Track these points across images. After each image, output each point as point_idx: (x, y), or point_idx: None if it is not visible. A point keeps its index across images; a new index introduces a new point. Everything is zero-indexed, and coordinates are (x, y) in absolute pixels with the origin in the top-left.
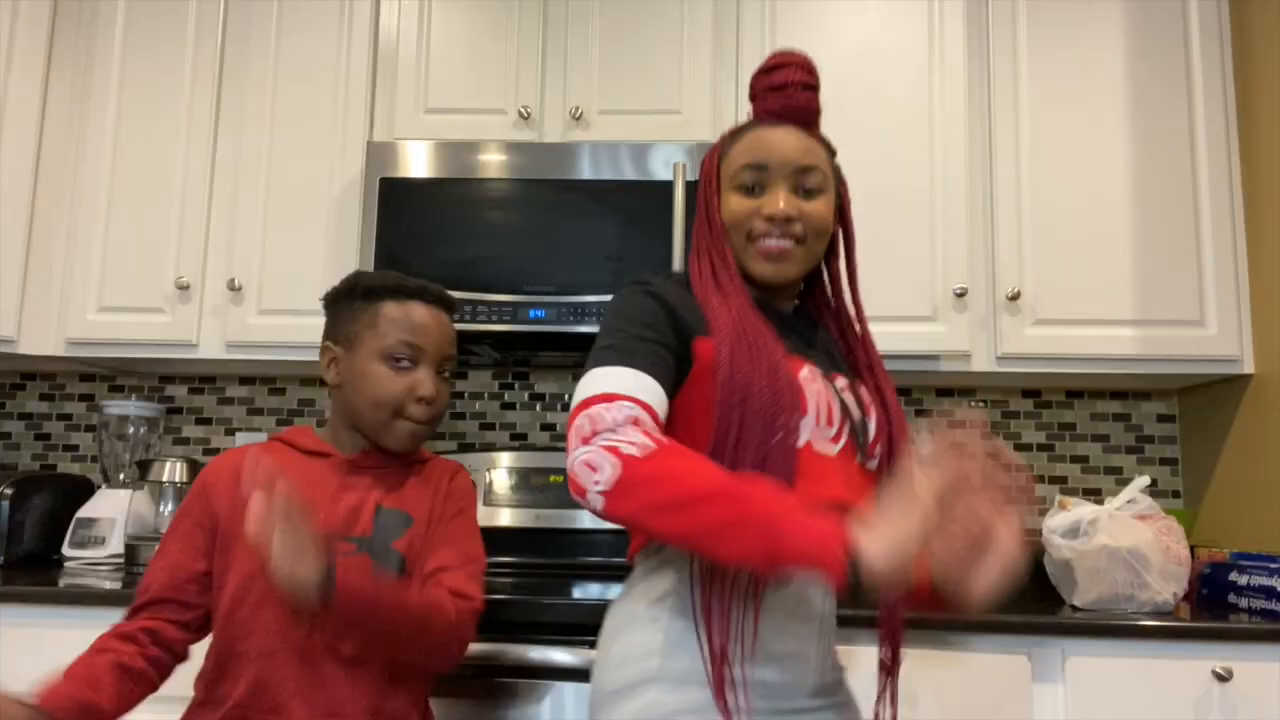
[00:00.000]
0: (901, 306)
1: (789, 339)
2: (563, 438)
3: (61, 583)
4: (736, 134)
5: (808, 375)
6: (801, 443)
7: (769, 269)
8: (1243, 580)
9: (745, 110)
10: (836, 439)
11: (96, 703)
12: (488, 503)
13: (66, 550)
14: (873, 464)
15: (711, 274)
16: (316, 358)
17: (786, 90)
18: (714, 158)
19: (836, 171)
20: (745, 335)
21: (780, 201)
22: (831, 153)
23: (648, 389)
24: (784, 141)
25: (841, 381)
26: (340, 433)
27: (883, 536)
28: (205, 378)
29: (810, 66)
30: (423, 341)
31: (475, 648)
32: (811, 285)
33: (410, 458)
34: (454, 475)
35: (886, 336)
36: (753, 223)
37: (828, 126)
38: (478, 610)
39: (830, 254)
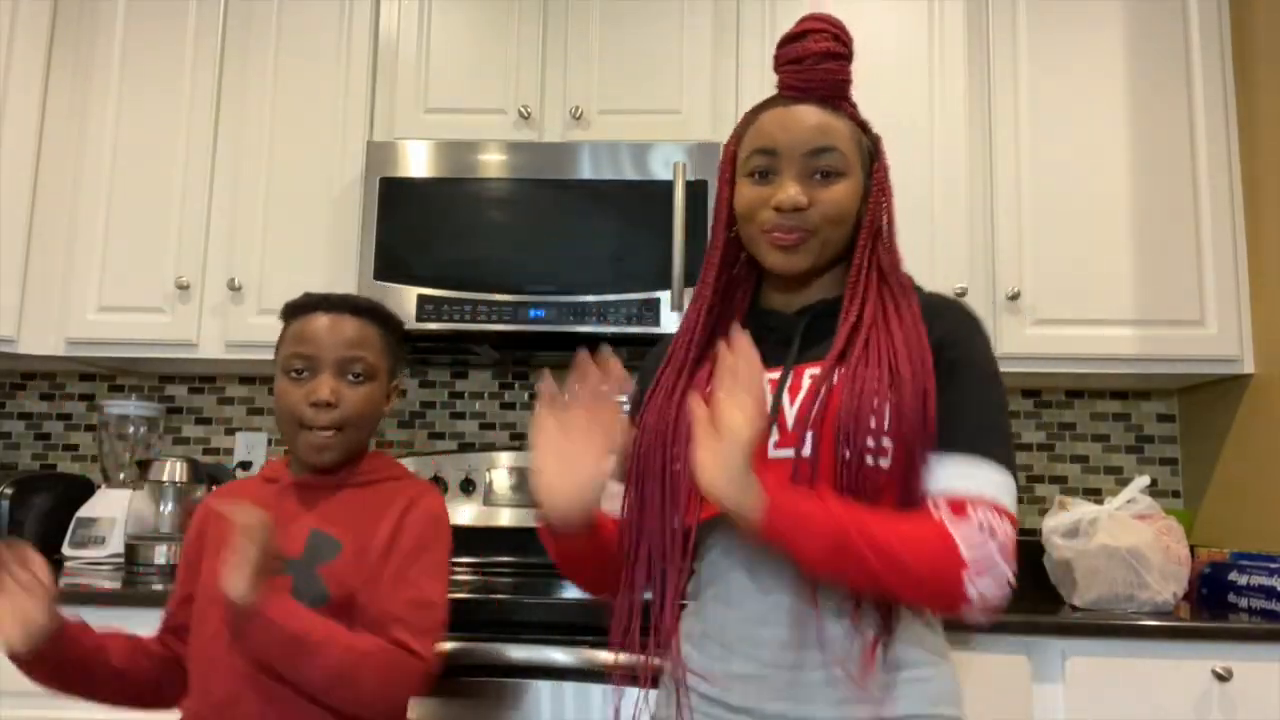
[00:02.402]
0: None
1: (762, 344)
2: None
3: (61, 583)
4: (755, 113)
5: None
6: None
7: (780, 259)
8: (1243, 580)
9: (746, 110)
10: (783, 444)
11: (104, 644)
12: (488, 502)
13: (66, 550)
14: (787, 453)
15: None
16: None
17: (805, 63)
18: (733, 140)
19: (868, 149)
20: (659, 385)
21: (789, 189)
22: (862, 127)
23: None
24: (798, 122)
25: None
26: (293, 459)
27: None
28: (205, 378)
29: (837, 31)
30: (312, 349)
31: (475, 648)
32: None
33: (361, 478)
34: (412, 504)
35: None
36: (762, 214)
37: None
38: (424, 666)
39: (860, 239)
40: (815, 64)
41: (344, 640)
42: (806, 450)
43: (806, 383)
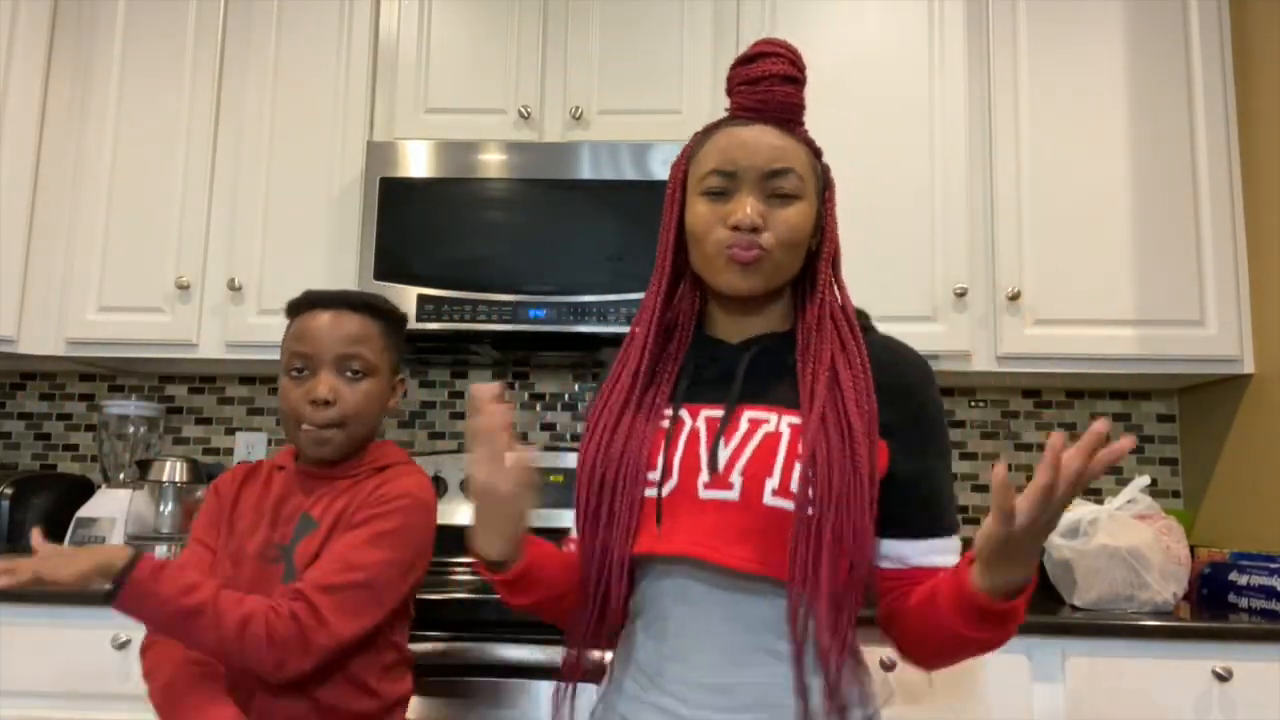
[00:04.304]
0: (901, 306)
1: (704, 374)
2: (562, 437)
3: None
4: (707, 133)
5: (688, 423)
6: (666, 492)
7: (735, 278)
8: (1243, 580)
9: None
10: (714, 486)
11: None
12: None
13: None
14: (726, 494)
15: (647, 296)
16: None
17: (762, 84)
18: (683, 160)
19: (820, 175)
20: (604, 411)
21: (747, 208)
22: (815, 153)
23: None
24: (756, 141)
25: (754, 415)
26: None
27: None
28: (205, 378)
29: (793, 56)
30: (309, 348)
31: (472, 647)
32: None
33: (363, 468)
34: (384, 483)
35: None
36: (718, 233)
37: (828, 126)
38: (327, 633)
39: (807, 268)
40: (771, 86)
41: (211, 604)
42: (735, 495)
43: (744, 426)
